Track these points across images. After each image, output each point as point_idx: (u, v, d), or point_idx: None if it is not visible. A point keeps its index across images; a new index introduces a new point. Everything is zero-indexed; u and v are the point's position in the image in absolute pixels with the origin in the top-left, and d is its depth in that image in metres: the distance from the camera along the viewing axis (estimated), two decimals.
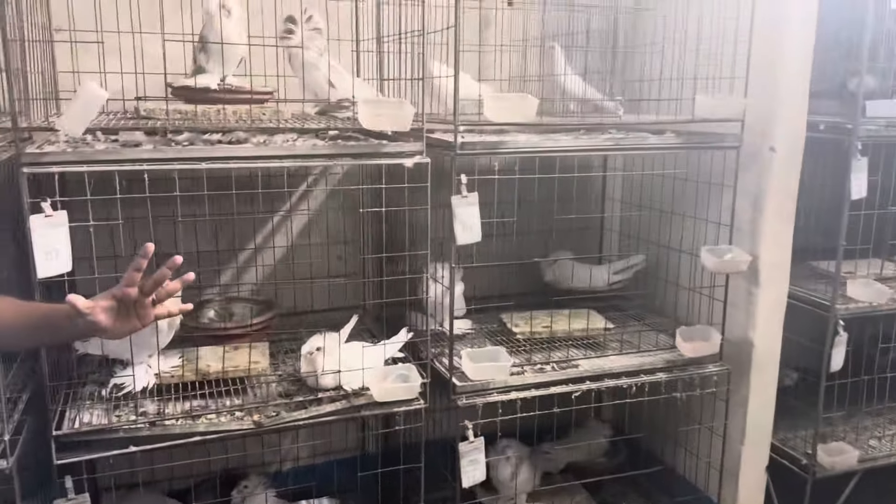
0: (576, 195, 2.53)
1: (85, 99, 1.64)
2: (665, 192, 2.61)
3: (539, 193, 2.33)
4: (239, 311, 2.52)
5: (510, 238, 2.71)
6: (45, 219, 1.64)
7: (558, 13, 2.61)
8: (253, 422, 1.98)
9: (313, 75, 2.21)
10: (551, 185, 2.31)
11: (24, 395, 1.94)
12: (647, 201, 2.75)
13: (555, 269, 2.82)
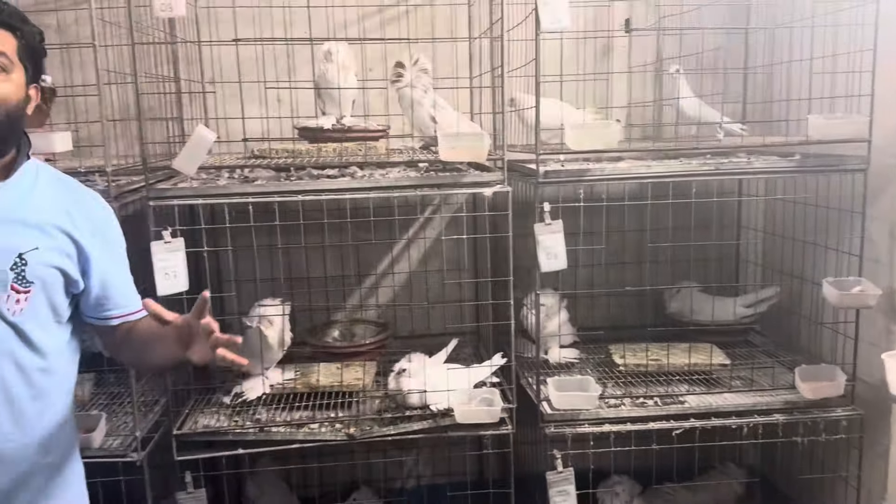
0: (697, 223, 2.40)
1: (195, 141, 1.91)
2: (796, 219, 2.41)
3: (673, 220, 2.28)
4: (360, 332, 2.71)
5: (629, 267, 2.66)
6: (164, 244, 1.92)
7: (673, 37, 2.54)
8: (347, 434, 2.13)
9: (418, 112, 2.36)
10: (683, 213, 2.25)
11: (162, 400, 2.25)
12: (780, 229, 2.55)
13: (679, 301, 2.70)
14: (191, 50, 2.50)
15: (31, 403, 1.35)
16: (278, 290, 2.55)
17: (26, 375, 1.34)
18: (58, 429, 1.42)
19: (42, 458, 1.39)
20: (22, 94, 1.34)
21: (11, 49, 1.32)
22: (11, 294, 1.30)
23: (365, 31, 2.57)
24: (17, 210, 1.34)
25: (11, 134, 1.34)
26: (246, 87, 2.44)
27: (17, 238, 1.32)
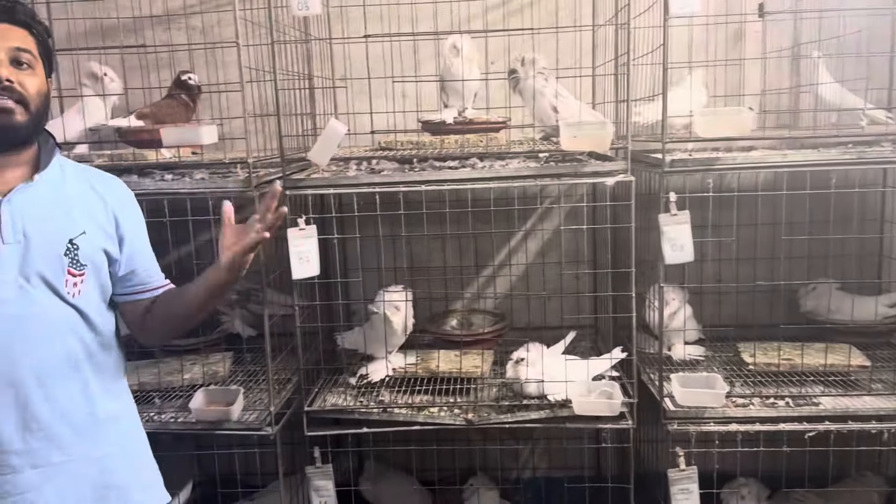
0: (836, 216, 2.26)
1: (328, 134, 2.01)
2: None
3: (810, 213, 2.18)
4: (477, 321, 2.75)
5: (760, 262, 2.55)
6: (299, 231, 2.03)
7: (811, 20, 2.40)
8: (465, 419, 2.18)
9: (540, 103, 2.36)
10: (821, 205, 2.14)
11: (294, 378, 2.38)
12: None
13: (814, 299, 2.56)
14: (322, 47, 2.62)
15: (97, 379, 1.47)
16: (400, 278, 2.63)
17: (90, 353, 1.46)
18: (121, 400, 1.55)
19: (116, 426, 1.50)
20: (45, 88, 1.43)
21: (33, 46, 1.41)
22: (69, 278, 1.40)
23: (488, 24, 2.59)
24: (58, 199, 1.44)
25: (40, 125, 1.43)
26: (373, 82, 2.53)
27: (65, 225, 1.42)
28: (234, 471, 2.60)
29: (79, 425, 1.43)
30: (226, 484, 2.46)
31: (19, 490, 1.36)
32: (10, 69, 1.36)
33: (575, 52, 2.55)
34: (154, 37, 2.63)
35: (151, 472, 1.60)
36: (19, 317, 1.35)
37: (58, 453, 1.40)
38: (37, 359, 1.37)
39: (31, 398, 1.37)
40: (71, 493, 1.42)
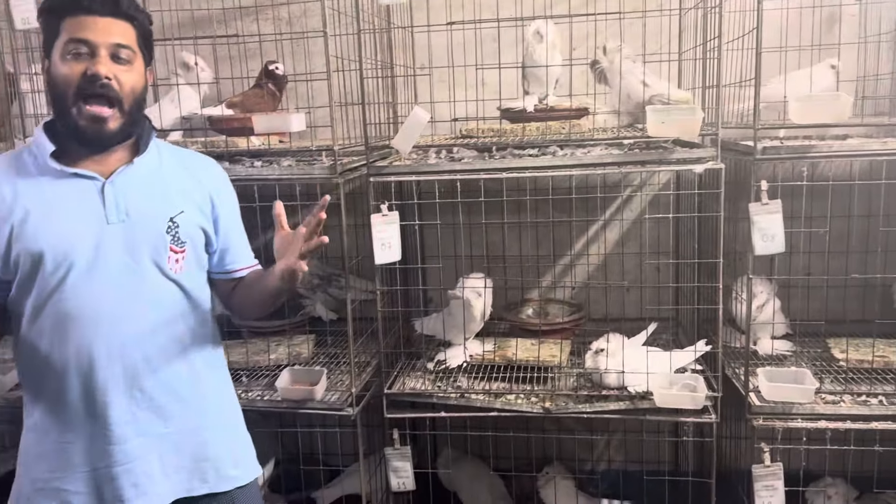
0: None
1: (412, 121, 2.03)
2: None
3: None
4: (553, 311, 2.74)
5: (853, 255, 2.45)
6: (382, 217, 2.07)
7: None
8: (543, 407, 2.18)
9: (627, 80, 2.31)
10: None
11: (373, 362, 2.43)
12: None
13: None
14: (404, 36, 2.64)
15: (197, 353, 1.53)
16: (477, 266, 2.65)
17: (191, 327, 1.52)
18: (219, 374, 1.62)
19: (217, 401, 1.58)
20: (143, 82, 1.46)
21: (132, 39, 1.42)
22: (171, 255, 1.46)
23: (571, 9, 2.56)
24: (156, 181, 1.49)
25: (139, 119, 1.47)
26: (452, 69, 2.54)
27: (164, 204, 1.47)
28: (313, 450, 2.68)
29: (182, 396, 1.50)
30: (306, 462, 2.54)
31: (128, 459, 1.44)
32: (110, 65, 1.38)
33: (660, 36, 2.49)
34: (243, 27, 2.71)
35: (245, 446, 1.65)
36: (126, 293, 1.42)
37: (162, 424, 1.47)
38: (143, 333, 1.44)
39: (139, 370, 1.44)
40: (173, 463, 1.49)
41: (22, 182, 1.41)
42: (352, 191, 2.28)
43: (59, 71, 1.38)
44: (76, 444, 1.43)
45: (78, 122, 1.38)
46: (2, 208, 1.39)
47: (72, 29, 1.37)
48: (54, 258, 1.38)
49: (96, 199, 1.42)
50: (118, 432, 1.43)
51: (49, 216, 1.39)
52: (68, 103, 1.38)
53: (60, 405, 1.43)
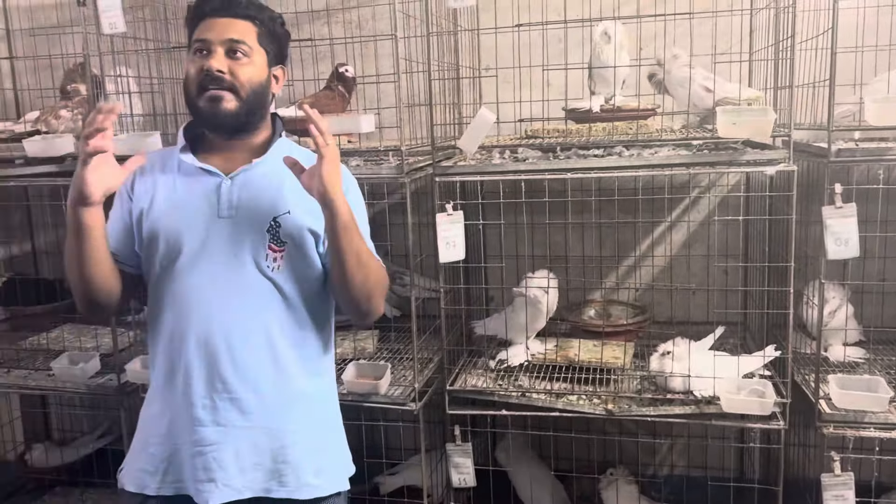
0: None
1: (478, 122, 2.06)
2: None
3: None
4: (616, 312, 2.72)
5: None
6: (447, 217, 2.10)
7: None
8: (605, 409, 2.17)
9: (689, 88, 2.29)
10: None
11: (435, 358, 2.46)
12: None
13: None
14: (470, 37, 2.67)
15: (288, 354, 1.54)
16: (539, 266, 2.65)
17: (284, 327, 1.53)
18: (317, 380, 1.60)
19: (304, 405, 1.56)
20: (264, 76, 1.53)
21: (252, 37, 1.51)
22: (269, 253, 1.50)
23: (640, 9, 2.54)
24: (272, 181, 1.53)
25: (258, 109, 1.53)
26: (517, 70, 2.56)
27: (272, 204, 1.51)
28: (374, 442, 2.74)
29: (265, 395, 1.52)
30: (368, 455, 2.59)
31: (205, 443, 1.49)
32: (223, 60, 1.47)
33: (730, 36, 2.45)
34: (313, 31, 2.79)
35: (332, 457, 1.63)
36: (222, 283, 1.49)
37: (240, 417, 1.50)
38: (229, 324, 1.49)
39: (220, 360, 1.49)
40: (249, 458, 1.51)
41: (159, 172, 1.57)
42: (416, 190, 2.32)
43: (187, 69, 1.52)
44: (167, 416, 1.53)
45: (199, 105, 1.49)
46: (140, 191, 1.56)
47: (197, 32, 1.51)
48: (168, 243, 1.50)
49: (213, 193, 1.51)
50: (197, 415, 1.49)
51: (171, 204, 1.52)
52: (193, 96, 1.50)
53: (164, 377, 1.54)
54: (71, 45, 2.83)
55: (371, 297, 1.53)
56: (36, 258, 3.21)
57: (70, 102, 2.58)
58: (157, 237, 1.52)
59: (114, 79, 2.42)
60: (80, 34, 2.40)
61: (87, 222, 1.41)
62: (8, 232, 3.17)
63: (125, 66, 2.48)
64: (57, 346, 2.66)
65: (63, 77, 2.67)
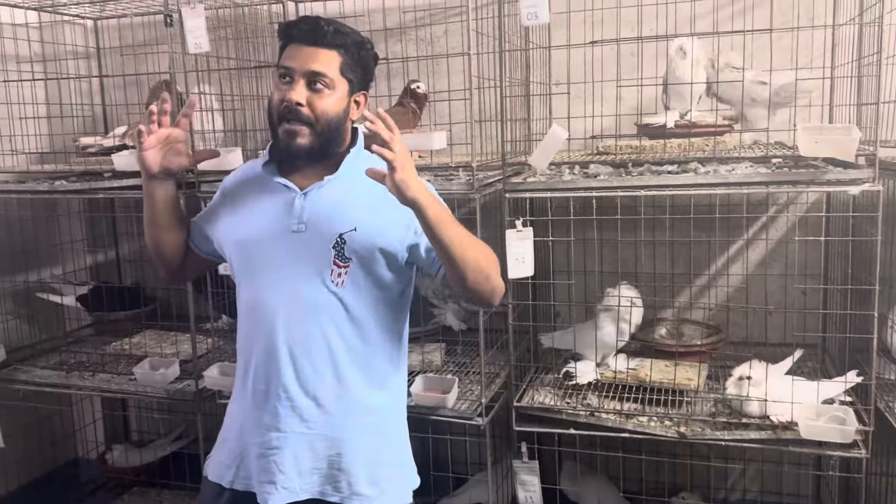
0: None
1: (550, 138, 2.05)
2: None
3: None
4: (688, 332, 2.66)
5: None
6: (517, 233, 2.11)
7: None
8: (677, 432, 2.13)
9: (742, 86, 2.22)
10: None
11: (502, 373, 2.46)
12: None
13: None
14: (541, 53, 2.67)
15: (350, 367, 1.57)
16: (608, 282, 2.62)
17: (346, 341, 1.56)
18: (380, 395, 1.62)
19: (365, 418, 1.59)
20: (343, 106, 1.55)
21: (334, 67, 1.51)
22: (334, 268, 1.53)
23: (717, 23, 2.50)
24: (343, 198, 1.56)
25: (335, 139, 1.57)
26: (587, 85, 2.54)
27: (341, 221, 1.53)
28: (438, 456, 2.74)
29: (324, 405, 1.56)
30: (434, 468, 2.60)
31: (268, 447, 1.56)
32: (304, 91, 1.50)
33: (810, 51, 2.38)
34: (386, 48, 2.84)
35: (392, 470, 1.65)
36: (289, 295, 1.54)
37: (300, 424, 1.56)
38: (292, 335, 1.54)
39: (282, 369, 1.55)
40: (307, 462, 1.57)
41: (243, 182, 1.67)
42: (484, 204, 2.33)
43: (272, 95, 1.56)
44: (241, 416, 1.62)
45: (279, 137, 1.55)
46: (226, 200, 1.68)
47: (284, 58, 1.54)
48: (244, 252, 1.59)
49: (288, 208, 1.57)
50: (262, 419, 1.57)
51: (249, 215, 1.60)
52: (274, 123, 1.55)
53: (240, 380, 1.64)
54: (156, 63, 2.97)
55: (490, 276, 1.51)
56: (120, 266, 3.36)
57: None
58: (232, 247, 1.61)
59: (197, 96, 2.51)
60: (166, 53, 2.52)
61: (148, 190, 1.61)
62: (94, 241, 3.33)
63: (207, 84, 2.58)
64: (139, 351, 2.78)
65: (149, 94, 2.79)
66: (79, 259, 3.27)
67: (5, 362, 2.79)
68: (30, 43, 3.00)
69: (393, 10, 2.71)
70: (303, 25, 1.52)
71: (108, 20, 3.23)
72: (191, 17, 2.27)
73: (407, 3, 2.75)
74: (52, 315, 3.11)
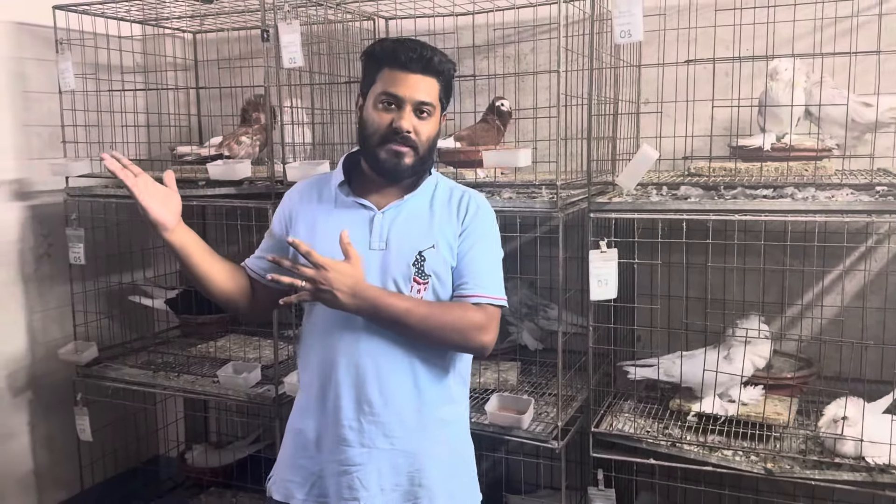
0: None
1: (640, 159, 2.01)
2: None
3: None
4: (778, 364, 2.54)
5: None
6: (601, 254, 2.07)
7: None
8: (765, 468, 2.03)
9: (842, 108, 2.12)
10: None
11: (579, 396, 2.41)
12: None
13: None
14: (631, 71, 2.63)
15: (428, 382, 1.59)
16: (694, 308, 2.54)
17: (425, 356, 1.58)
18: (452, 407, 1.65)
19: (441, 431, 1.62)
20: (438, 128, 1.61)
21: (435, 94, 1.57)
22: (413, 285, 1.55)
23: (819, 43, 2.40)
24: (420, 216, 1.60)
25: (428, 159, 1.61)
26: (680, 105, 2.48)
27: (420, 239, 1.57)
28: (509, 477, 2.71)
29: (406, 420, 1.58)
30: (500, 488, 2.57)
31: (352, 463, 1.56)
32: (411, 118, 1.55)
33: None
34: (474, 65, 2.85)
35: (464, 484, 1.69)
36: None
37: (384, 440, 1.56)
38: (376, 351, 1.55)
39: (368, 383, 1.55)
40: (389, 479, 1.57)
41: (316, 201, 1.66)
42: (564, 223, 2.30)
43: (371, 117, 1.57)
44: (316, 432, 1.60)
45: (379, 155, 1.57)
46: (298, 218, 1.65)
47: (387, 82, 1.55)
48: None
49: (366, 226, 1.59)
50: (345, 435, 1.56)
51: (325, 233, 1.57)
52: (373, 143, 1.57)
53: (313, 396, 1.61)
54: (250, 76, 3.07)
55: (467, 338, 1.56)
56: None
57: (250, 129, 2.80)
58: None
59: (288, 109, 2.58)
60: (261, 67, 2.60)
61: (176, 244, 1.57)
62: None
63: (298, 98, 2.65)
64: (222, 354, 2.87)
65: (244, 105, 2.88)
66: (169, 263, 3.40)
67: (97, 360, 2.92)
68: (133, 54, 3.16)
69: (481, 27, 2.72)
70: (410, 53, 1.54)
71: (207, 34, 3.37)
72: (287, 32, 2.34)
73: (495, 20, 2.75)
74: (141, 316, 3.24)
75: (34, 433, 3.00)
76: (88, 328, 2.99)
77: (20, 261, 2.93)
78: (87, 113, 2.92)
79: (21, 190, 2.92)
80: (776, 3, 2.27)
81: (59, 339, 3.02)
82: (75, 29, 2.83)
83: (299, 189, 1.72)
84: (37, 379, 2.99)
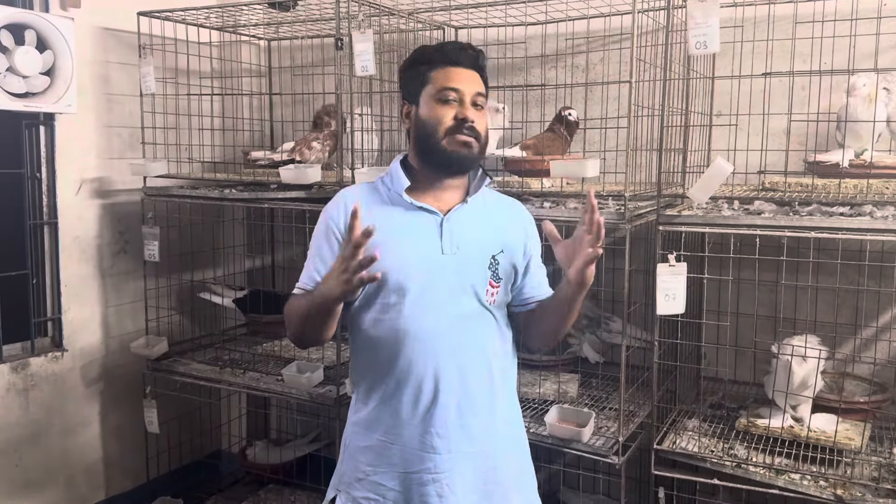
0: None
1: (714, 172, 1.97)
2: None
3: None
4: (850, 387, 2.45)
5: None
6: (669, 268, 2.03)
7: None
8: (834, 494, 1.96)
9: None
10: None
11: (640, 412, 2.37)
12: None
13: None
14: (704, 83, 2.59)
15: (500, 382, 1.64)
16: (763, 326, 2.47)
17: (497, 356, 1.63)
18: (514, 406, 1.72)
19: (508, 430, 1.68)
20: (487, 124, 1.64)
21: (483, 88, 1.62)
22: (489, 288, 1.60)
23: None
24: (483, 220, 1.63)
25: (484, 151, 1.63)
26: (754, 118, 2.43)
27: (490, 243, 1.61)
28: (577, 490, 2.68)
29: (483, 420, 1.60)
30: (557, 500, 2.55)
31: (439, 470, 1.56)
32: (472, 110, 1.58)
33: None
34: (543, 74, 2.85)
35: (529, 477, 1.75)
36: (450, 316, 1.57)
37: (467, 443, 1.58)
38: (459, 355, 1.57)
39: (453, 389, 1.56)
40: (470, 482, 1.59)
41: (377, 208, 1.59)
42: (631, 235, 2.27)
43: (432, 113, 1.57)
44: (396, 445, 1.58)
45: (448, 148, 1.56)
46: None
47: (443, 79, 1.59)
48: (396, 280, 1.54)
49: (435, 231, 1.59)
50: (434, 443, 1.56)
51: (396, 242, 1.55)
52: (439, 138, 1.56)
53: (390, 409, 1.58)
54: (321, 83, 3.14)
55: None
56: (274, 272, 3.56)
57: (321, 135, 2.86)
58: (383, 276, 1.50)
59: (359, 116, 2.63)
60: (332, 74, 2.66)
61: (333, 309, 1.49)
62: (253, 248, 3.56)
63: (368, 105, 2.70)
64: (287, 353, 2.93)
65: (317, 111, 2.95)
66: (237, 263, 3.50)
67: (166, 354, 3.02)
68: (211, 60, 3.27)
69: (551, 36, 2.71)
70: (458, 50, 1.62)
71: (281, 41, 3.46)
72: (360, 41, 2.38)
73: (566, 29, 2.75)
74: (210, 314, 3.34)
75: (104, 423, 3.12)
76: (159, 323, 3.10)
77: (98, 256, 3.06)
78: (165, 116, 3.04)
79: (101, 188, 3.06)
80: (858, 17, 2.21)
81: (131, 333, 3.14)
82: (157, 35, 2.95)
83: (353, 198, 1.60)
84: (109, 371, 3.12)
